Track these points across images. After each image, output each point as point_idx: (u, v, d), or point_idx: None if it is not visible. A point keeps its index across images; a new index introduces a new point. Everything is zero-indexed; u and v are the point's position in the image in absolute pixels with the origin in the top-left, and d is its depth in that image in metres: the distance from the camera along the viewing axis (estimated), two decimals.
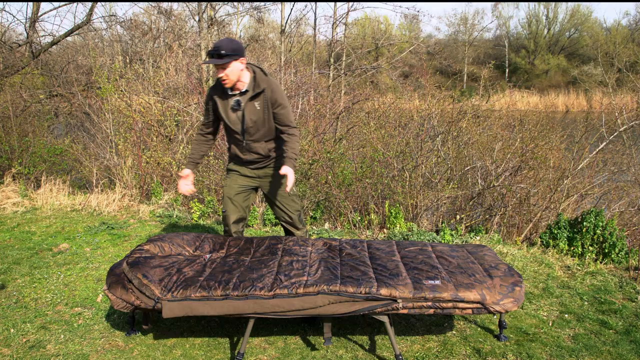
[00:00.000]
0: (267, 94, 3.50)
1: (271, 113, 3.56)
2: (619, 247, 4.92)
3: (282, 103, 3.55)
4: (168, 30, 13.60)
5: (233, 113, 3.56)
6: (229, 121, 3.59)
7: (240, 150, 3.70)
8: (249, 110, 3.52)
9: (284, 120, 3.58)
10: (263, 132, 3.62)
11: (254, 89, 3.50)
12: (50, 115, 9.88)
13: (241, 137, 3.63)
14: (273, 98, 3.51)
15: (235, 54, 3.35)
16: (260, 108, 3.52)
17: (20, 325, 3.48)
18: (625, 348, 3.23)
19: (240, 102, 3.52)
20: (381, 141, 6.40)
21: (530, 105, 21.62)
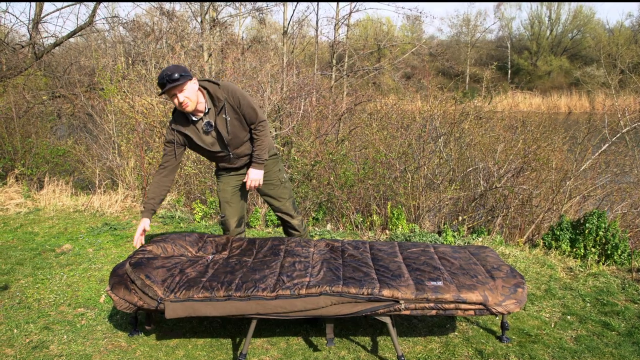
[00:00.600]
0: (229, 101, 3.43)
1: (241, 116, 3.49)
2: (622, 249, 4.92)
3: (244, 102, 3.47)
4: (170, 32, 13.61)
5: (207, 135, 3.49)
6: (206, 145, 3.51)
7: (229, 163, 3.70)
8: (222, 125, 3.46)
9: (252, 119, 3.53)
10: (242, 135, 3.58)
11: (215, 103, 3.43)
12: (53, 117, 9.91)
13: (226, 152, 3.59)
14: (235, 101, 3.44)
15: (187, 74, 3.26)
16: (230, 117, 3.46)
17: (23, 325, 3.49)
18: (627, 350, 3.22)
19: (210, 122, 3.45)
20: (383, 142, 6.40)
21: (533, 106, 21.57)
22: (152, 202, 3.61)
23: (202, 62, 12.97)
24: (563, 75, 33.58)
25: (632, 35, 34.14)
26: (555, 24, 37.24)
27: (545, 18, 37.50)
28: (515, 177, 6.04)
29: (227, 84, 3.50)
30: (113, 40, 15.24)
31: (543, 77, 34.48)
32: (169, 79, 3.19)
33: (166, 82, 3.20)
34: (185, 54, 11.54)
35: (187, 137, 3.50)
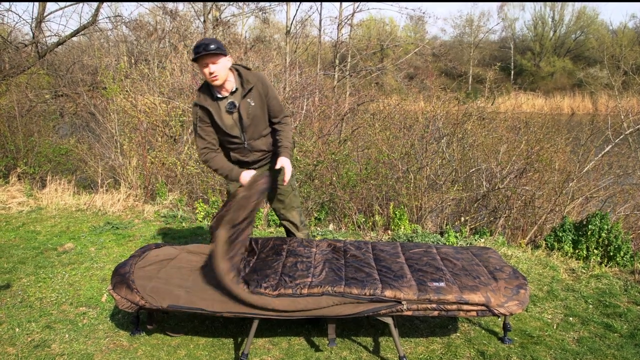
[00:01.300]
0: (258, 87, 3.40)
1: (265, 105, 3.46)
2: (624, 251, 4.91)
3: (272, 94, 3.48)
4: (173, 31, 13.62)
5: (229, 115, 3.42)
6: (224, 126, 3.42)
7: (242, 154, 3.58)
8: (245, 108, 3.40)
9: (276, 112, 3.51)
10: (261, 127, 3.52)
11: (244, 85, 3.39)
12: (56, 115, 9.92)
13: (241, 139, 3.50)
14: (265, 90, 3.42)
15: (224, 50, 3.24)
16: (254, 103, 3.41)
17: (25, 324, 3.49)
18: (630, 352, 3.21)
19: (234, 102, 3.40)
20: (386, 143, 6.39)
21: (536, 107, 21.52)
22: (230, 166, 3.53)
23: None
24: (566, 76, 33.52)
25: (635, 36, 34.05)
26: (558, 25, 37.19)
27: (549, 19, 37.45)
28: (518, 178, 6.03)
29: (259, 72, 3.49)
30: (116, 40, 15.27)
31: (546, 78, 34.41)
32: (205, 48, 3.17)
33: (202, 49, 3.17)
34: (188, 53, 11.55)
35: (209, 113, 3.41)
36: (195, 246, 3.78)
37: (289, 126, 3.56)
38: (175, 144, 7.89)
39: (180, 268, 3.34)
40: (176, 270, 3.30)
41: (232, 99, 3.40)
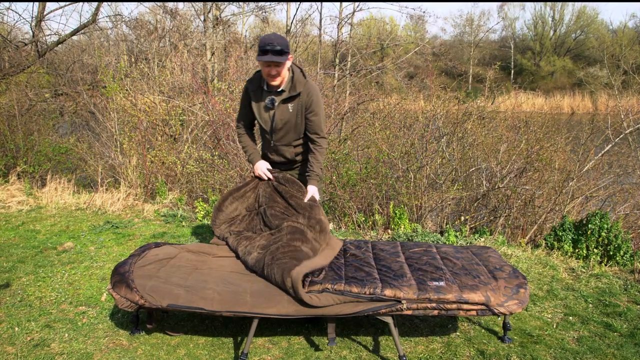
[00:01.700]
0: (302, 98, 3.39)
1: (303, 118, 3.44)
2: (624, 250, 4.91)
3: (315, 110, 3.43)
4: (173, 30, 13.61)
5: (265, 112, 3.47)
6: (260, 118, 3.53)
7: (268, 150, 3.67)
8: (281, 111, 3.42)
9: (315, 129, 3.48)
10: (292, 136, 3.52)
11: (290, 90, 3.38)
12: (56, 114, 9.91)
13: (270, 137, 3.56)
14: (308, 103, 3.40)
15: (289, 52, 3.26)
16: (292, 111, 3.41)
17: (24, 323, 3.49)
18: (629, 351, 3.21)
19: (275, 100, 3.41)
20: (386, 142, 6.39)
21: (536, 107, 21.54)
22: (252, 149, 3.72)
23: (205, 61, 12.99)
24: (566, 76, 33.54)
25: (635, 36, 34.06)
26: (558, 25, 37.18)
27: (549, 18, 37.45)
28: (517, 178, 6.03)
29: (313, 85, 3.46)
30: (116, 39, 15.27)
31: (546, 78, 34.42)
32: (273, 50, 3.16)
33: (270, 51, 3.16)
34: (188, 52, 11.56)
35: (250, 99, 3.51)
36: (195, 245, 3.78)
37: (323, 149, 3.56)
38: (175, 143, 7.89)
39: (180, 267, 3.34)
40: (176, 269, 3.30)
41: (275, 96, 3.42)
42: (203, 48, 13.87)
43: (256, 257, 3.31)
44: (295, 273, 2.91)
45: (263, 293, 3.01)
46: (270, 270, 3.09)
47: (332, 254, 3.40)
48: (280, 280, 2.99)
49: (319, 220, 3.47)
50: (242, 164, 6.45)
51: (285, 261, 3.07)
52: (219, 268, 3.40)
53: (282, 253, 3.16)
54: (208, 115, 7.53)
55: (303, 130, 3.52)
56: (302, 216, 3.48)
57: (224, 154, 6.86)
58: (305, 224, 3.43)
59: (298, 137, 3.55)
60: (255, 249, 3.41)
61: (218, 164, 6.83)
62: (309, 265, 3.05)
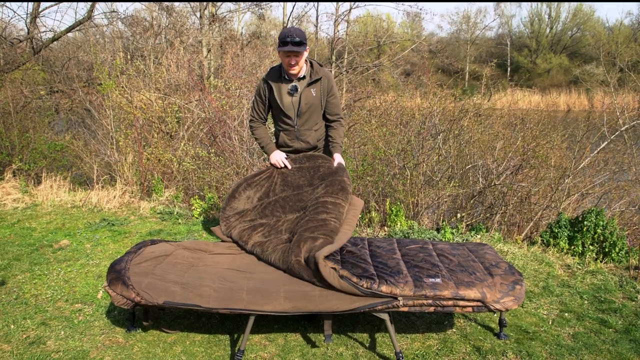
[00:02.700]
0: (323, 82, 3.68)
1: (324, 101, 3.72)
2: (619, 247, 4.92)
3: (335, 93, 3.76)
4: (169, 27, 13.58)
5: (289, 97, 3.68)
6: (282, 105, 3.69)
7: (289, 138, 3.80)
8: (305, 95, 3.65)
9: (336, 109, 3.78)
10: (314, 119, 3.76)
11: (312, 75, 3.66)
12: (51, 112, 9.87)
13: (293, 123, 3.74)
14: (329, 86, 3.71)
15: (306, 44, 3.53)
16: (316, 95, 3.67)
17: (20, 321, 3.48)
18: (624, 347, 3.23)
19: (297, 87, 3.65)
20: (382, 139, 6.38)
21: (532, 104, 21.58)
22: (268, 140, 3.90)
23: (201, 58, 12.96)
24: (562, 73, 33.58)
25: (631, 33, 34.13)
26: (555, 22, 37.23)
27: (545, 16, 37.50)
28: (514, 175, 6.04)
29: (329, 71, 3.79)
30: (112, 35, 15.20)
31: (542, 75, 34.46)
32: (292, 42, 3.45)
33: (290, 42, 3.45)
34: (184, 50, 11.53)
35: (270, 90, 3.70)
36: (191, 242, 3.78)
37: (342, 127, 3.86)
38: (171, 140, 7.87)
39: (176, 264, 3.34)
40: (172, 266, 3.30)
41: (297, 83, 3.67)
42: (199, 45, 13.84)
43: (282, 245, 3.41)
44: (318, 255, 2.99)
45: (259, 290, 3.01)
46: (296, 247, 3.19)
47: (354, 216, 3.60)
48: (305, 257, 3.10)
49: (340, 180, 3.63)
50: (239, 161, 6.44)
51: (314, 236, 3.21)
52: (215, 265, 3.40)
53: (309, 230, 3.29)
54: (204, 113, 7.52)
55: (322, 114, 3.79)
56: (323, 185, 3.63)
57: (220, 151, 6.85)
58: (323, 193, 3.57)
59: (318, 121, 3.80)
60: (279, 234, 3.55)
61: (214, 161, 6.82)
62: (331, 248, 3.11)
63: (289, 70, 3.59)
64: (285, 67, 3.59)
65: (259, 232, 3.66)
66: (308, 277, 3.06)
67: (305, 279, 3.08)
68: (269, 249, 3.43)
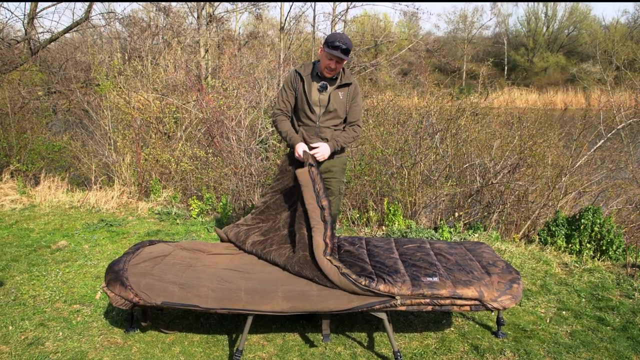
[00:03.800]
0: (351, 88, 3.74)
1: (347, 107, 3.76)
2: (617, 245, 4.94)
3: (359, 100, 3.81)
4: (167, 27, 13.57)
5: (318, 93, 3.70)
6: (310, 100, 3.69)
7: (308, 134, 3.77)
8: (334, 97, 3.69)
9: (356, 115, 3.81)
10: (336, 120, 3.76)
11: (342, 79, 3.71)
12: (49, 112, 9.85)
13: (316, 119, 3.74)
14: (355, 93, 3.77)
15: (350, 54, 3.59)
16: (342, 98, 3.71)
17: (18, 322, 3.48)
18: (622, 344, 3.24)
19: (327, 85, 3.68)
20: (380, 138, 6.39)
21: (529, 102, 21.61)
22: (293, 133, 3.78)
23: (199, 58, 12.95)
24: (559, 72, 33.64)
25: (627, 31, 34.20)
26: (551, 21, 37.29)
27: (542, 15, 37.55)
28: (511, 173, 6.05)
29: (356, 80, 3.85)
30: (109, 36, 15.18)
31: (539, 74, 34.52)
32: (342, 49, 3.48)
33: (339, 48, 3.47)
34: (181, 50, 11.52)
35: (302, 82, 3.70)
36: (189, 243, 3.78)
37: (355, 133, 3.85)
38: (169, 140, 7.87)
39: (174, 265, 3.34)
40: (170, 266, 3.30)
41: (327, 83, 3.70)
42: (197, 45, 13.82)
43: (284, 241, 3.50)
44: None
45: (257, 290, 3.01)
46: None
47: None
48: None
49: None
50: (236, 161, 6.44)
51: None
52: (213, 265, 3.40)
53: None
54: (202, 113, 7.51)
55: (344, 117, 3.80)
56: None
57: (218, 152, 6.85)
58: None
59: (338, 123, 3.80)
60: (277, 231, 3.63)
61: (212, 162, 6.82)
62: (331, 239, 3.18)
63: (326, 73, 3.63)
64: (324, 68, 3.61)
65: (256, 232, 3.67)
66: (310, 271, 3.08)
67: (306, 274, 3.09)
68: (272, 245, 3.46)
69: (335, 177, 3.87)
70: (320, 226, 3.21)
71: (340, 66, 3.60)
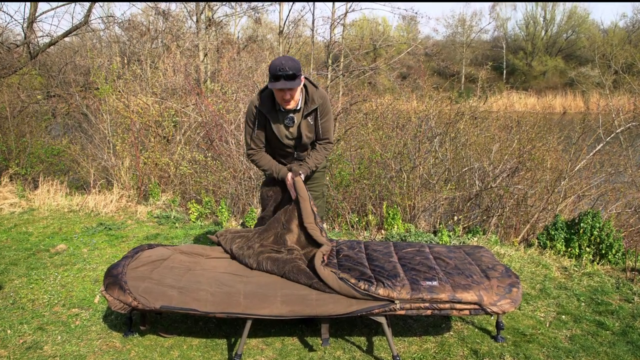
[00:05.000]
0: (320, 109, 3.41)
1: (318, 126, 3.46)
2: (616, 248, 4.94)
3: (328, 114, 3.48)
4: (166, 31, 13.59)
5: (286, 129, 3.44)
6: (280, 138, 3.43)
7: (287, 160, 3.61)
8: (304, 127, 3.41)
9: (326, 133, 3.51)
10: (311, 142, 3.55)
11: (308, 103, 3.37)
12: (48, 116, 9.86)
13: (292, 150, 3.55)
14: (324, 111, 3.44)
15: (301, 74, 3.19)
16: (313, 122, 3.43)
17: (17, 326, 3.47)
18: (621, 349, 3.24)
19: (294, 119, 3.39)
20: (379, 142, 6.40)
21: (528, 106, 21.64)
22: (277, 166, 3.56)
23: (198, 62, 12.96)
24: (558, 76, 33.68)
25: (626, 35, 34.28)
26: (550, 25, 37.35)
27: (540, 18, 37.61)
28: (510, 177, 6.05)
29: (323, 92, 3.45)
30: (108, 40, 15.21)
31: (538, 77, 34.57)
32: (285, 75, 3.09)
33: (282, 77, 3.10)
34: (180, 54, 11.53)
35: (267, 120, 3.41)
36: (188, 246, 3.78)
37: (326, 151, 3.60)
38: (168, 144, 7.87)
39: (173, 268, 3.33)
40: (169, 270, 3.30)
41: (293, 115, 3.39)
42: (196, 49, 13.84)
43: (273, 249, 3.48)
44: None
45: (256, 294, 3.01)
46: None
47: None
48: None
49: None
50: (235, 165, 6.45)
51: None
52: (212, 269, 3.40)
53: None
54: (201, 117, 7.52)
55: (314, 136, 3.53)
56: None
57: (217, 155, 6.85)
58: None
59: (311, 141, 3.56)
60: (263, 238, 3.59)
61: (211, 165, 6.82)
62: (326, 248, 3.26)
63: (284, 106, 3.30)
64: (280, 102, 3.29)
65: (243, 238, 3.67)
66: (307, 279, 3.08)
67: (303, 282, 3.09)
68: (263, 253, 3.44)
69: (318, 181, 3.79)
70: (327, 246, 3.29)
71: (294, 93, 3.23)
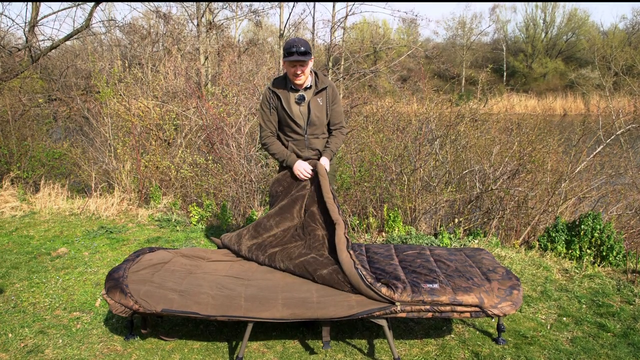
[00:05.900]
0: (328, 91, 3.70)
1: (329, 110, 3.72)
2: (617, 250, 4.94)
3: (338, 101, 3.78)
4: (167, 35, 13.61)
5: (297, 106, 3.66)
6: (292, 115, 3.65)
7: (299, 147, 3.77)
8: (314, 105, 3.66)
9: (339, 117, 3.79)
10: (322, 128, 3.76)
11: (318, 85, 3.68)
12: (49, 119, 9.87)
13: (303, 132, 3.72)
14: (333, 95, 3.73)
15: (312, 54, 3.53)
16: (322, 104, 3.68)
17: (18, 329, 3.48)
18: (623, 351, 3.24)
19: (305, 96, 3.65)
20: (379, 145, 6.40)
21: (528, 108, 21.60)
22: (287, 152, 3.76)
23: (199, 65, 12.98)
24: (558, 78, 33.71)
25: (626, 37, 34.31)
26: (550, 27, 37.40)
27: (540, 21, 37.67)
28: (510, 179, 6.05)
29: (331, 81, 3.80)
30: (109, 43, 15.24)
31: (538, 79, 34.59)
32: (298, 51, 3.44)
33: (295, 52, 3.44)
34: (181, 57, 11.54)
35: (278, 99, 3.67)
36: (189, 250, 3.78)
37: (342, 135, 3.85)
38: (169, 147, 7.88)
39: (174, 272, 3.34)
40: (170, 274, 3.30)
41: (304, 93, 3.67)
42: (196, 52, 13.86)
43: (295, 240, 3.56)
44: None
45: (257, 297, 3.01)
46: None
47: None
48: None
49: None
50: (236, 168, 6.45)
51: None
52: (213, 272, 3.40)
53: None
54: (202, 120, 7.53)
55: (326, 123, 3.79)
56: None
57: (217, 158, 6.86)
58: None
59: (324, 130, 3.81)
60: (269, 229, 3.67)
61: (212, 168, 6.83)
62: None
63: (295, 80, 3.58)
64: (291, 77, 3.57)
65: (252, 237, 3.68)
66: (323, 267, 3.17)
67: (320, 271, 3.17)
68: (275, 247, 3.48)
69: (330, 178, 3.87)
70: (341, 223, 3.28)
71: (305, 69, 3.54)
